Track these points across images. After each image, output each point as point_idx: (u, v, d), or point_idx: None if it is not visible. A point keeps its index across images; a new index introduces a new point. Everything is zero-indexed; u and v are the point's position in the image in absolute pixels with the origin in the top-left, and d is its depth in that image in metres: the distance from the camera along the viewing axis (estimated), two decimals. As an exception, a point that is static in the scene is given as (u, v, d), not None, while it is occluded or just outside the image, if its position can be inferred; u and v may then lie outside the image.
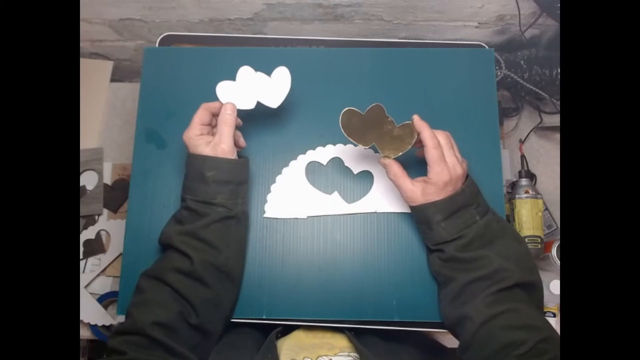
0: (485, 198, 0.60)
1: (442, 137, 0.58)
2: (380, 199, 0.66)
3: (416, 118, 0.58)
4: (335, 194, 0.67)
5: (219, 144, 0.58)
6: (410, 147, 0.58)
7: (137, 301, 0.54)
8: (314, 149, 0.68)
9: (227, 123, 0.59)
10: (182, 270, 0.55)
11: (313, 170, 0.68)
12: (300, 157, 0.68)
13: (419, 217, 0.59)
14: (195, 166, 0.58)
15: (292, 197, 0.66)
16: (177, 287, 0.54)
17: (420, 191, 0.57)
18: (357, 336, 0.63)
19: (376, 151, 0.67)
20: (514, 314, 0.51)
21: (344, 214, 0.66)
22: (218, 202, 0.58)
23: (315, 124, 0.69)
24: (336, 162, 0.68)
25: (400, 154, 0.59)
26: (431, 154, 0.56)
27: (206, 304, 0.55)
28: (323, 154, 0.68)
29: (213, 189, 0.58)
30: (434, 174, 0.56)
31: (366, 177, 0.67)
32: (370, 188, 0.67)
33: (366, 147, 0.59)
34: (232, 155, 0.59)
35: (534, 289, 0.55)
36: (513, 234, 0.58)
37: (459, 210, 0.56)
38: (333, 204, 0.66)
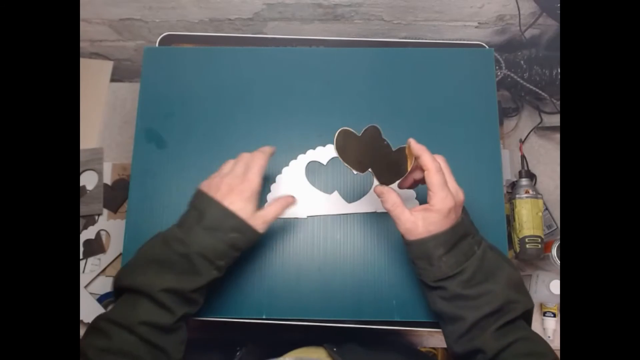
0: (486, 198, 0.60)
1: (440, 160, 0.53)
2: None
3: (413, 142, 0.53)
4: (335, 193, 0.67)
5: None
6: (407, 173, 0.54)
7: (103, 346, 0.48)
8: (314, 148, 0.68)
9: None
10: (158, 325, 0.49)
11: (313, 170, 0.68)
12: (301, 156, 0.68)
13: (417, 252, 0.52)
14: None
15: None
16: (149, 339, 0.49)
17: (421, 221, 0.51)
18: (337, 344, 0.61)
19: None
20: (523, 342, 0.50)
21: (343, 214, 0.66)
22: (222, 264, 0.53)
23: (315, 124, 0.69)
24: (336, 161, 0.68)
25: (398, 181, 0.55)
26: (434, 178, 0.51)
27: (179, 345, 0.52)
28: (323, 153, 0.68)
29: (227, 249, 0.52)
30: (438, 200, 0.50)
31: (366, 177, 0.67)
32: (370, 188, 0.67)
33: (362, 174, 0.55)
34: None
35: (530, 314, 0.54)
36: (507, 260, 0.56)
37: (460, 241, 0.52)
38: (333, 204, 0.66)
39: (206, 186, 0.55)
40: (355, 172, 0.55)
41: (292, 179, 0.67)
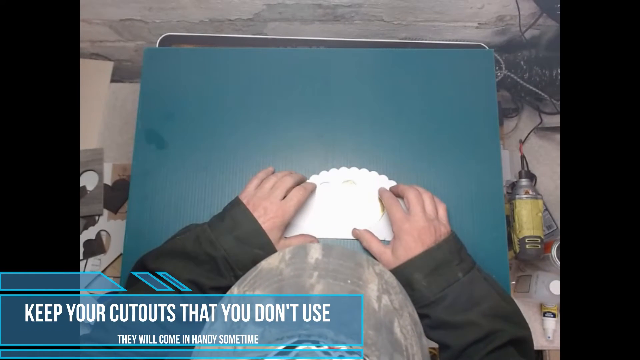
0: (486, 198, 0.60)
1: (410, 193, 0.59)
2: (389, 228, 0.62)
3: (380, 191, 0.63)
4: (346, 217, 0.65)
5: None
6: (381, 216, 0.63)
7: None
8: (327, 170, 0.66)
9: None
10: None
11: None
12: (313, 177, 0.66)
13: (400, 280, 0.53)
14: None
15: (298, 215, 0.64)
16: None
17: (391, 250, 0.57)
18: None
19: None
20: None
21: (351, 239, 0.64)
22: (240, 274, 0.52)
23: (315, 125, 0.69)
24: (348, 186, 0.66)
25: (372, 224, 0.62)
26: (387, 211, 0.60)
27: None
28: (336, 175, 0.66)
29: (249, 262, 0.53)
30: (393, 226, 0.58)
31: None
32: (380, 215, 0.65)
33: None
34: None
35: (525, 344, 0.53)
36: (500, 293, 0.56)
37: (440, 266, 0.54)
38: (343, 228, 0.64)
39: (245, 199, 0.58)
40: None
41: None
